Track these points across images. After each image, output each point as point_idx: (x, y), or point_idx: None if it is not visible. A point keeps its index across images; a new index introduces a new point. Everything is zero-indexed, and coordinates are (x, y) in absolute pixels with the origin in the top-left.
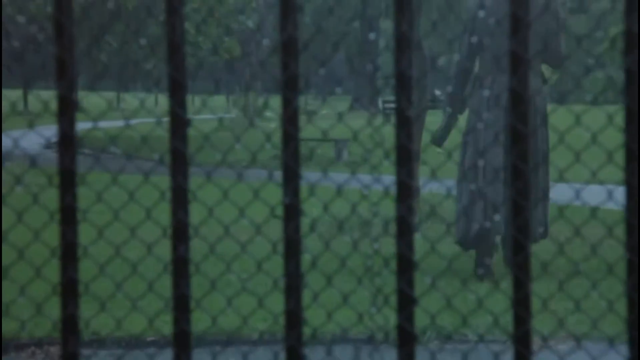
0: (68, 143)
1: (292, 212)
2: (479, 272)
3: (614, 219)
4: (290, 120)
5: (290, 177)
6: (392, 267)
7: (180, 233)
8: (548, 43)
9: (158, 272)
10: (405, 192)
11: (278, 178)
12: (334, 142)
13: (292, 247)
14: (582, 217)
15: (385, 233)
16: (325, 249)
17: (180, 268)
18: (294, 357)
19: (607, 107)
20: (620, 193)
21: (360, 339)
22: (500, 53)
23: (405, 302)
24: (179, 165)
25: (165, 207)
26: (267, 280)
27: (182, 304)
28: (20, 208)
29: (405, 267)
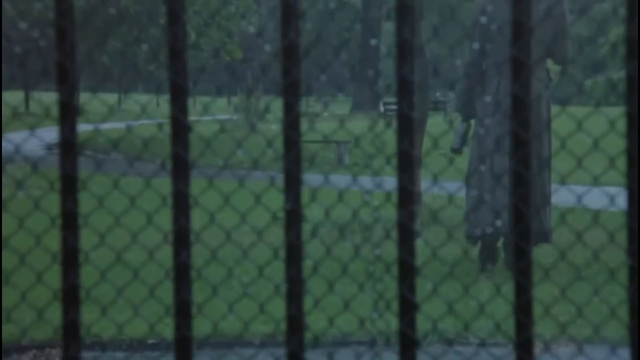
0: (69, 148)
1: (293, 217)
2: (482, 271)
3: (616, 223)
4: (292, 126)
5: (292, 183)
6: (393, 272)
7: (182, 239)
8: (555, 40)
9: (159, 277)
10: (407, 197)
11: (280, 183)
12: (336, 143)
13: (293, 252)
14: (584, 221)
15: (387, 238)
16: (327, 255)
17: (182, 274)
18: None
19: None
20: (623, 195)
21: (362, 342)
22: (504, 59)
23: (407, 307)
24: (181, 171)
25: (167, 212)
26: (268, 286)
27: (183, 310)
28: (22, 213)
29: (407, 272)
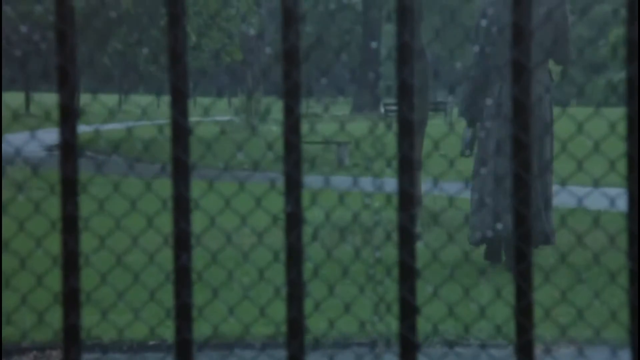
0: (69, 152)
1: (294, 220)
2: (486, 270)
3: (617, 225)
4: (292, 129)
5: (292, 186)
6: (394, 275)
7: (182, 242)
8: (556, 42)
9: (160, 280)
10: (407, 201)
11: (280, 185)
12: (336, 144)
13: (294, 255)
14: (585, 223)
15: (388, 240)
16: (328, 257)
17: (182, 277)
18: None
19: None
20: (623, 197)
21: (363, 344)
22: (504, 62)
23: (408, 310)
24: (181, 174)
25: (168, 214)
26: (269, 289)
27: (184, 313)
28: (22, 216)
29: (408, 275)
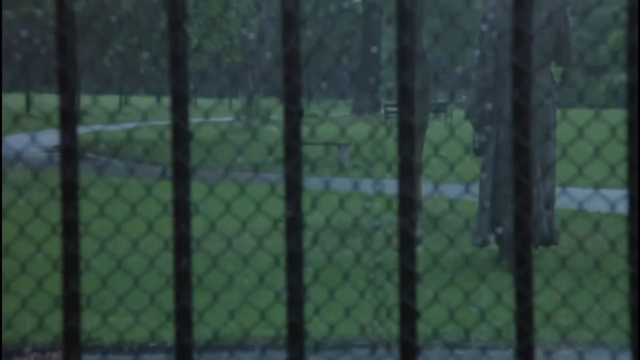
0: (70, 156)
1: (294, 225)
2: (497, 265)
3: (617, 227)
4: (292, 133)
5: (293, 190)
6: (394, 279)
7: (183, 246)
8: (557, 46)
9: (160, 284)
10: (408, 205)
11: (280, 188)
12: (337, 146)
13: (294, 260)
14: (585, 226)
15: (388, 244)
16: (328, 261)
17: (183, 281)
18: None
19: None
20: (624, 199)
21: (363, 345)
22: (505, 66)
23: (408, 315)
24: (181, 178)
25: (168, 218)
26: (269, 292)
27: (184, 317)
28: (22, 220)
29: (408, 280)
